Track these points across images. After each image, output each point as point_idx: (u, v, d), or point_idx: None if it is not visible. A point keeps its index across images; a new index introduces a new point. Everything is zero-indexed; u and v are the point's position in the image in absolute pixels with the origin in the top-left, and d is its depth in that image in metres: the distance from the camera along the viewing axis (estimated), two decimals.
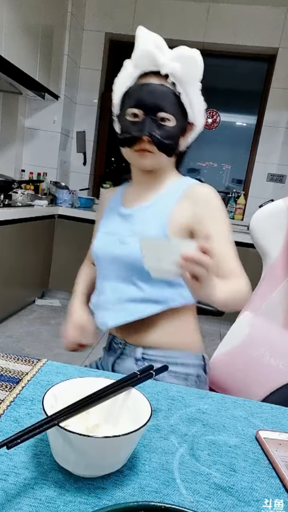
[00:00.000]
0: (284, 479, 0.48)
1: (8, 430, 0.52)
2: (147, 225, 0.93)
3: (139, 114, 0.89)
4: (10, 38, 2.57)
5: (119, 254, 0.93)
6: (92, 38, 3.70)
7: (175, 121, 0.89)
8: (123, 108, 0.93)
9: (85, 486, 0.44)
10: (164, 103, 0.88)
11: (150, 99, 0.87)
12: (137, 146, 0.89)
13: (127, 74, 0.92)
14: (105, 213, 1.05)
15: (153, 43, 0.88)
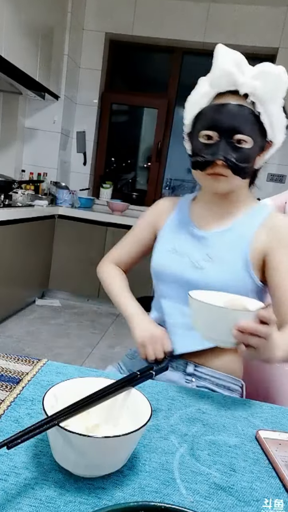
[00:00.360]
0: (284, 479, 0.48)
1: (8, 430, 0.52)
2: (226, 250, 0.89)
3: (213, 136, 0.83)
4: (10, 38, 2.57)
5: (192, 279, 0.89)
6: (92, 38, 3.70)
7: (252, 142, 0.83)
8: (195, 128, 0.88)
9: (85, 486, 0.44)
10: (242, 124, 0.82)
11: (226, 120, 0.82)
12: (210, 170, 0.85)
13: (201, 94, 0.86)
14: (167, 226, 1.00)
15: (233, 62, 0.82)
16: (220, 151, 0.82)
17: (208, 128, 0.84)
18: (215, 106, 0.84)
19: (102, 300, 3.35)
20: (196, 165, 0.87)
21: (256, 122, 0.83)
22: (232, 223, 0.92)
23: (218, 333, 0.62)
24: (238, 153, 0.82)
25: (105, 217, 3.35)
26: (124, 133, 4.14)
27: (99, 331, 2.97)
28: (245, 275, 0.87)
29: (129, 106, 4.09)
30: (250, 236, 0.88)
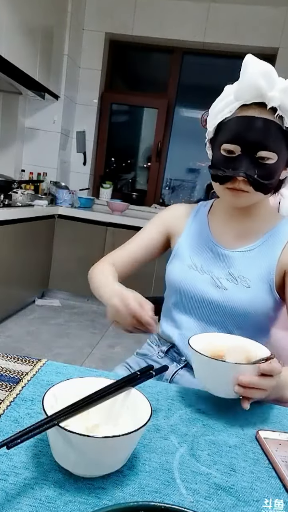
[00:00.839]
0: (284, 479, 0.48)
1: (8, 430, 0.52)
2: (251, 271, 0.86)
3: (235, 151, 0.79)
4: (10, 38, 2.56)
5: (214, 299, 0.87)
6: (92, 38, 3.70)
7: (276, 157, 0.78)
8: (217, 139, 0.83)
9: (85, 486, 0.44)
10: (267, 140, 0.77)
11: (250, 135, 0.77)
12: (231, 184, 0.81)
13: (226, 103, 0.81)
14: (185, 238, 0.97)
15: (262, 74, 0.76)
16: (242, 167, 0.78)
17: (230, 142, 0.79)
18: (239, 119, 0.78)
19: None
20: (215, 178, 0.83)
21: (283, 137, 0.79)
22: (255, 242, 0.89)
23: (219, 385, 0.61)
24: (261, 169, 0.78)
25: (105, 217, 3.35)
26: (124, 133, 4.14)
27: (99, 331, 2.97)
28: (268, 295, 0.86)
29: (129, 106, 4.09)
30: (275, 257, 0.86)
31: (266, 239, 0.89)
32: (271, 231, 0.89)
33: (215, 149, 0.84)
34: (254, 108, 0.78)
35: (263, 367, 0.58)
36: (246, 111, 0.78)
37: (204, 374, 0.63)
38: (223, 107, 0.82)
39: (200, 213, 1.00)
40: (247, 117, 0.78)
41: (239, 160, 0.79)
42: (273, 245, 0.88)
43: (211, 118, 0.86)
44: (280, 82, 0.77)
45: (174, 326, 0.96)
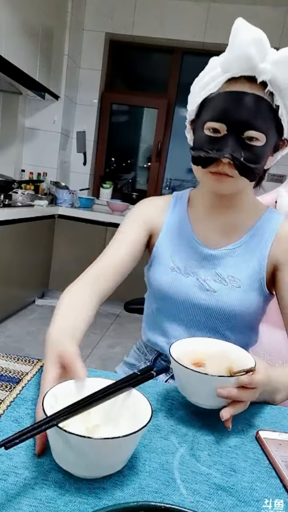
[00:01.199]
0: (284, 479, 0.48)
1: (8, 430, 0.51)
2: (239, 270, 0.81)
3: (220, 130, 0.71)
4: (10, 38, 2.56)
5: (203, 303, 0.82)
6: (92, 38, 3.70)
7: (265, 140, 0.71)
8: (201, 117, 0.75)
9: (85, 486, 0.44)
10: (256, 118, 0.69)
11: (238, 112, 0.69)
12: (214, 168, 0.73)
13: (212, 76, 0.73)
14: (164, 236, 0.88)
15: (254, 42, 0.67)
16: (227, 147, 0.70)
17: (215, 120, 0.71)
18: (226, 94, 0.70)
19: None
20: (197, 160, 0.75)
21: (273, 117, 0.71)
22: (241, 238, 0.83)
23: (201, 397, 0.59)
24: (248, 152, 0.71)
25: (105, 217, 3.35)
26: (124, 133, 4.14)
27: (99, 331, 2.97)
28: (259, 293, 0.82)
29: (129, 106, 4.09)
30: (264, 253, 0.81)
31: (253, 233, 0.83)
32: (257, 225, 0.83)
33: (198, 129, 0.76)
34: (243, 82, 0.70)
35: (243, 379, 0.55)
36: (234, 86, 0.70)
37: (185, 385, 0.61)
38: (208, 82, 0.73)
39: (178, 206, 0.90)
40: (235, 92, 0.69)
41: (225, 140, 0.71)
42: (260, 240, 0.82)
43: (193, 96, 0.78)
44: (272, 53, 0.69)
45: (160, 333, 0.91)
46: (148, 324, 0.95)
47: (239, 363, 0.60)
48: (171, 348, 0.62)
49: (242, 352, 0.63)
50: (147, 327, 0.96)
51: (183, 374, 0.58)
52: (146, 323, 0.97)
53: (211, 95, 0.73)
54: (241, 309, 0.81)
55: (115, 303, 3.11)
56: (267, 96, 0.70)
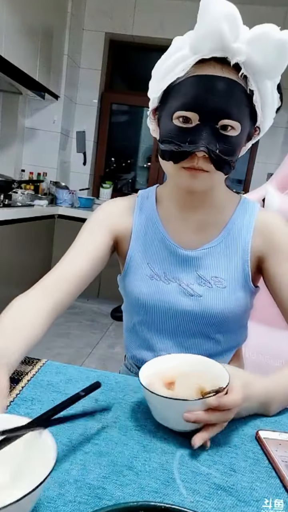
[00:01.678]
0: (284, 479, 0.48)
1: None
2: (223, 269, 0.76)
3: (192, 119, 0.64)
4: (10, 38, 2.56)
5: (188, 309, 0.76)
6: (92, 38, 3.70)
7: (240, 128, 0.65)
8: (167, 106, 0.67)
9: (85, 486, 0.44)
10: (231, 106, 0.62)
11: (211, 99, 0.62)
12: (188, 162, 0.66)
13: (177, 59, 0.64)
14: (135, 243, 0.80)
15: (226, 18, 0.59)
16: (202, 139, 0.62)
17: (186, 108, 0.63)
18: (197, 79, 0.62)
19: (102, 300, 3.35)
20: (168, 155, 0.67)
21: (247, 104, 0.65)
22: (219, 235, 0.77)
23: (170, 421, 0.54)
24: (223, 142, 0.64)
25: None
26: (124, 133, 4.14)
27: (99, 331, 2.97)
28: (245, 290, 0.77)
29: (129, 106, 4.09)
30: (245, 247, 0.76)
31: (230, 228, 0.77)
32: (232, 218, 0.78)
33: (164, 119, 0.68)
34: (214, 65, 0.62)
35: (210, 402, 0.50)
36: (204, 69, 0.62)
37: (153, 409, 0.56)
38: (173, 65, 0.65)
39: (145, 207, 0.82)
40: (207, 76, 0.62)
41: (198, 131, 0.63)
42: (239, 234, 0.77)
43: (156, 82, 0.70)
44: (244, 31, 0.61)
45: (146, 348, 0.84)
46: (131, 339, 0.87)
47: (213, 381, 0.55)
48: (141, 370, 0.57)
49: (218, 369, 0.57)
50: (130, 343, 0.88)
51: (148, 397, 0.54)
52: (128, 339, 0.89)
53: (178, 80, 0.65)
54: (230, 310, 0.76)
55: (115, 303, 3.10)
56: (241, 80, 0.63)
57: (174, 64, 0.65)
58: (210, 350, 0.80)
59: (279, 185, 1.24)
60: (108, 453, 0.50)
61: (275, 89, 0.68)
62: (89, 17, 3.65)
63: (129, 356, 0.89)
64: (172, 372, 0.58)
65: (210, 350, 0.80)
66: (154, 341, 0.82)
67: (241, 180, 4.15)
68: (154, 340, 0.82)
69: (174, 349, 0.80)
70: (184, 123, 0.65)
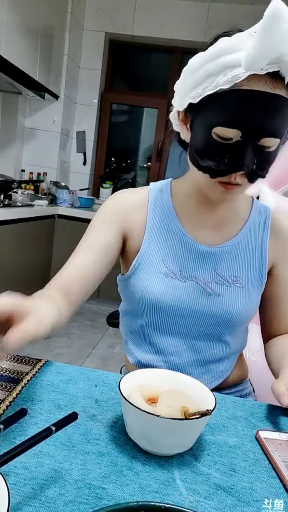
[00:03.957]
0: (284, 479, 0.48)
1: (8, 431, 0.51)
2: (242, 268, 0.74)
3: (233, 136, 0.60)
4: (10, 38, 2.56)
5: (206, 310, 0.73)
6: (92, 38, 3.70)
7: (278, 142, 0.62)
8: (206, 116, 0.62)
9: (85, 486, 0.44)
10: (275, 124, 0.58)
11: (257, 118, 0.58)
12: (225, 179, 0.64)
13: (225, 66, 0.57)
14: (149, 237, 0.76)
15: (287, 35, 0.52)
16: (243, 159, 0.60)
17: (229, 125, 0.59)
18: (245, 94, 0.57)
19: (102, 300, 3.35)
20: (205, 169, 0.65)
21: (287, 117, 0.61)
22: (239, 232, 0.76)
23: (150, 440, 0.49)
24: (262, 159, 0.62)
25: None
26: (124, 133, 4.14)
27: (99, 331, 2.97)
28: (259, 293, 0.77)
29: (129, 106, 4.09)
30: (263, 248, 0.76)
31: (249, 226, 0.77)
32: (251, 217, 0.78)
33: (201, 129, 0.63)
34: (265, 81, 0.57)
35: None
36: (254, 83, 0.57)
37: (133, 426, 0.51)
38: (218, 70, 0.58)
39: (160, 201, 0.78)
40: (257, 92, 0.56)
41: (239, 149, 0.60)
42: (257, 234, 0.76)
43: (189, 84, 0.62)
44: None
45: (154, 351, 0.80)
46: (134, 342, 0.83)
47: (197, 405, 0.52)
48: (122, 381, 0.53)
49: (203, 391, 0.54)
50: (133, 345, 0.83)
51: (130, 413, 0.49)
52: (130, 342, 0.84)
53: (220, 90, 0.58)
54: (246, 312, 0.75)
55: (115, 304, 3.11)
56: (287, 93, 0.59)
57: (221, 69, 0.58)
58: (220, 353, 0.79)
59: (272, 184, 1.24)
60: (108, 453, 0.50)
61: None
62: (89, 17, 3.65)
63: (134, 362, 0.83)
64: (154, 388, 0.55)
65: (220, 354, 0.79)
66: (162, 343, 0.77)
67: None
68: (163, 343, 0.77)
69: (185, 353, 0.77)
70: (224, 140, 0.61)
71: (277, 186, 1.24)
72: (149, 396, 0.54)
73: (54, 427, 0.45)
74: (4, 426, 0.46)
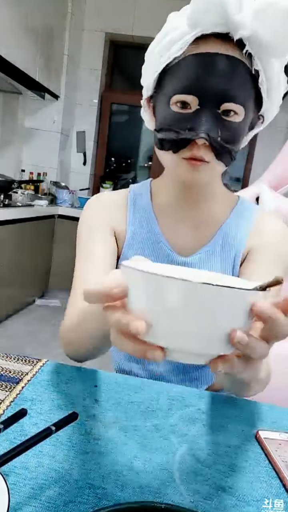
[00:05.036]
0: (284, 479, 0.48)
1: (8, 431, 0.51)
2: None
3: (191, 104, 0.58)
4: (10, 38, 2.56)
5: None
6: (92, 38, 3.70)
7: (243, 114, 0.59)
8: (163, 91, 0.61)
9: (85, 486, 0.44)
10: (234, 88, 0.56)
11: (212, 81, 0.55)
12: (188, 152, 0.59)
13: (173, 38, 0.57)
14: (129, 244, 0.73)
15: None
16: (203, 125, 0.56)
17: (184, 91, 0.57)
18: (195, 58, 0.56)
19: None
20: (166, 144, 0.61)
21: (252, 86, 0.58)
22: (215, 235, 0.72)
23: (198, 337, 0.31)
24: (225, 129, 0.58)
25: None
26: (124, 133, 4.14)
27: None
28: None
29: (129, 106, 4.09)
30: (239, 249, 0.72)
31: (226, 229, 0.72)
32: (229, 220, 0.72)
33: (161, 106, 0.62)
34: (215, 42, 0.55)
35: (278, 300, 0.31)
36: (203, 47, 0.56)
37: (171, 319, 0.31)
38: (169, 44, 0.58)
39: (140, 204, 0.75)
40: (207, 54, 0.55)
41: (198, 117, 0.57)
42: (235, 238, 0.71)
43: (149, 66, 0.62)
44: (249, 1, 0.53)
45: (134, 360, 0.79)
46: (116, 350, 0.81)
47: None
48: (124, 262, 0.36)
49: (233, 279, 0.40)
50: (116, 353, 0.82)
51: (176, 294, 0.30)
52: (113, 349, 0.81)
53: (174, 61, 0.58)
54: None
55: None
56: (245, 58, 0.56)
57: (170, 43, 0.58)
58: None
59: (271, 184, 1.24)
60: (108, 453, 0.50)
61: (282, 70, 0.60)
62: (89, 17, 3.65)
63: (117, 369, 0.83)
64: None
65: None
66: None
67: (239, 178, 4.15)
68: None
69: (165, 362, 0.74)
70: (183, 109, 0.59)
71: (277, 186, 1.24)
72: None
73: (54, 427, 0.45)
74: (4, 426, 0.46)
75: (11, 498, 0.39)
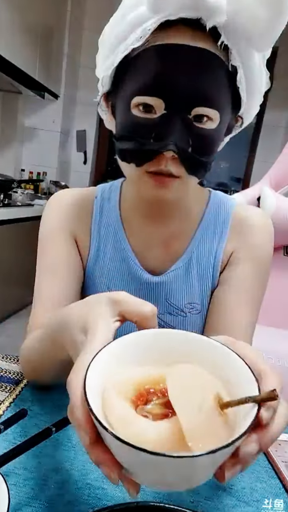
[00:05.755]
0: (284, 480, 0.48)
1: (8, 431, 0.51)
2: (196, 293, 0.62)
3: (156, 107, 0.47)
4: (9, 38, 2.56)
5: None
6: (92, 38, 3.69)
7: (218, 119, 0.48)
8: (123, 89, 0.49)
9: (85, 486, 0.44)
10: (208, 88, 0.45)
11: (180, 80, 0.44)
12: (154, 166, 0.49)
13: (133, 21, 0.46)
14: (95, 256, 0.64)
15: None
16: (170, 134, 0.46)
17: (147, 93, 0.46)
18: (159, 50, 0.45)
19: None
20: (127, 156, 0.51)
21: (229, 85, 0.48)
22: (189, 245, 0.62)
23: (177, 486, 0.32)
24: (196, 138, 0.47)
25: None
26: None
27: None
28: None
29: None
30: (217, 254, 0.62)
31: (200, 237, 0.62)
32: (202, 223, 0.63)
33: (120, 107, 0.50)
34: (183, 30, 0.44)
35: (263, 416, 0.27)
36: (169, 36, 0.44)
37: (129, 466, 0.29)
38: (128, 31, 0.46)
39: (107, 211, 0.65)
40: (172, 46, 0.44)
41: (165, 123, 0.46)
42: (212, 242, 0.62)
43: (104, 56, 0.51)
44: None
45: None
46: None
47: (238, 380, 0.30)
48: (88, 373, 0.30)
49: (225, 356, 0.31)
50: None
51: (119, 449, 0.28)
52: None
53: (134, 52, 0.47)
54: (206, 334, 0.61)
55: None
56: (220, 52, 0.45)
57: (129, 29, 0.46)
58: None
59: (273, 184, 1.25)
60: None
61: (264, 65, 0.50)
62: (89, 17, 3.65)
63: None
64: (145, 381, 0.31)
65: None
66: None
67: (239, 179, 4.15)
68: None
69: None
70: (147, 113, 0.48)
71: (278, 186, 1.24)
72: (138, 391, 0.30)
73: (54, 427, 0.45)
74: (4, 427, 0.46)
75: (11, 498, 0.39)
